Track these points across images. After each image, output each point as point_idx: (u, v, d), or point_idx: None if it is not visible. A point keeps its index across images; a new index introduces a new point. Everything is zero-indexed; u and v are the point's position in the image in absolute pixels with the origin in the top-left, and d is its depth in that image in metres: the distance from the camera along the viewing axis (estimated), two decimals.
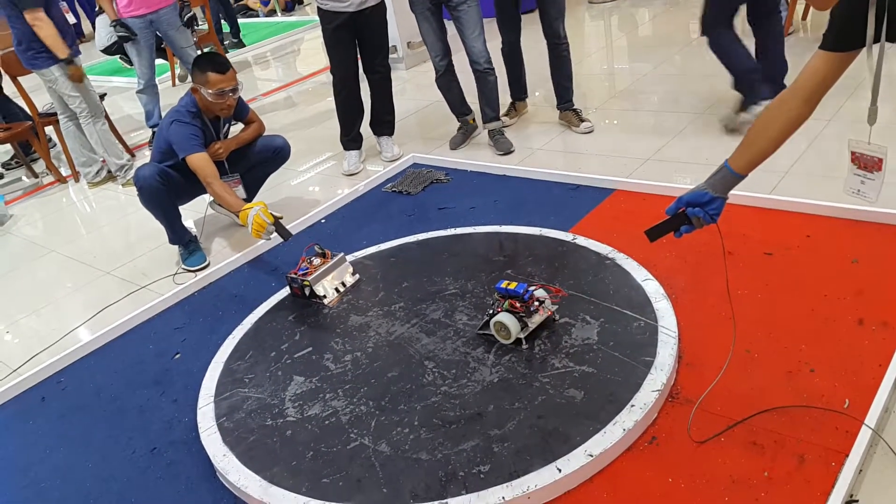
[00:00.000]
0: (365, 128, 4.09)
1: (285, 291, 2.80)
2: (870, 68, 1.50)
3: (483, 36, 3.68)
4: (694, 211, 1.72)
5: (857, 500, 1.58)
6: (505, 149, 3.82)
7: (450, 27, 3.77)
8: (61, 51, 4.05)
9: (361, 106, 4.00)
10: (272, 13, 9.89)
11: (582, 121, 3.93)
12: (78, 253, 3.72)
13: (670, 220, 1.78)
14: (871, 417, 1.72)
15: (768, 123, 1.66)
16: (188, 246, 3.30)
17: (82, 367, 2.68)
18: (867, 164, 1.68)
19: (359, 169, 4.03)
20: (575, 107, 3.99)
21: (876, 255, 2.34)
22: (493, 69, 3.75)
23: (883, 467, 1.65)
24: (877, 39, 1.46)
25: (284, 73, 6.92)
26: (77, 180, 4.77)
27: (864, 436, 1.68)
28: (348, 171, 4.01)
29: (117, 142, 4.66)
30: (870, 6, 1.42)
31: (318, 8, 3.74)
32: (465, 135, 4.05)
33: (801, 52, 4.27)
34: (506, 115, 4.14)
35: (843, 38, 1.53)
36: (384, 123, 4.10)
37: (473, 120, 4.05)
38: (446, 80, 3.88)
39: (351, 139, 4.05)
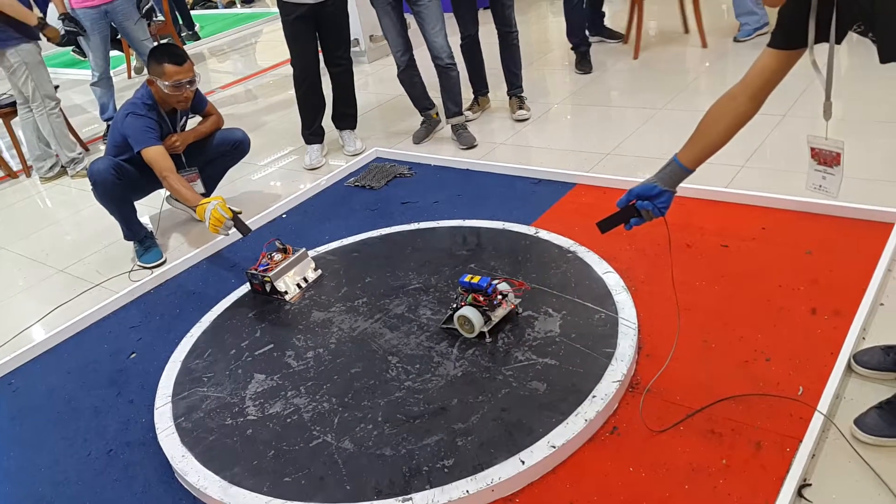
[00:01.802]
0: (327, 121, 4.06)
1: (245, 288, 2.76)
2: (811, 64, 1.54)
3: (444, 31, 3.67)
4: (643, 204, 1.74)
5: (810, 484, 1.62)
6: (468, 143, 3.82)
7: (411, 21, 3.75)
8: (31, 18, 3.96)
9: (323, 99, 3.96)
10: (231, 4, 9.73)
11: (520, 108, 4.05)
12: (29, 250, 3.62)
13: (621, 213, 1.79)
14: (824, 404, 1.77)
15: (717, 118, 1.68)
16: (144, 242, 3.24)
17: (34, 368, 2.61)
18: (826, 158, 1.72)
19: (321, 163, 3.99)
20: (522, 94, 4.09)
21: (828, 247, 2.39)
22: (454, 64, 3.75)
23: (834, 451, 1.69)
24: (827, 39, 1.49)
25: (244, 65, 6.82)
26: (28, 175, 4.63)
27: (816, 422, 1.72)
28: (310, 165, 3.97)
29: (69, 134, 4.54)
30: (811, 9, 1.46)
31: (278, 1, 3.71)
32: (427, 129, 4.04)
33: (752, 50, 4.36)
34: (468, 109, 4.15)
35: (790, 37, 1.56)
36: (346, 117, 4.07)
37: (437, 114, 4.05)
38: (408, 75, 3.87)
39: (312, 133, 4.01)
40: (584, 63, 4.65)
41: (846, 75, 3.87)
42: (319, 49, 3.80)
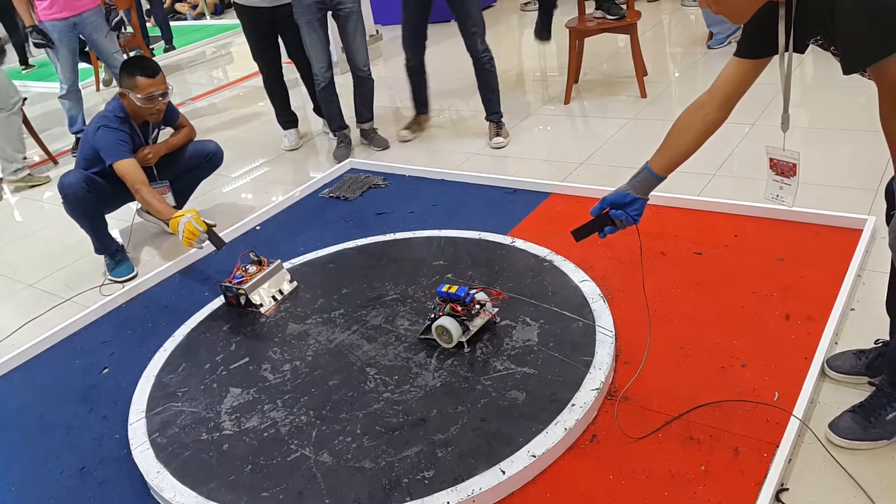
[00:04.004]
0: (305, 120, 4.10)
1: (219, 301, 2.72)
2: (781, 78, 1.57)
3: (365, 44, 3.87)
4: (616, 213, 1.76)
5: (787, 489, 1.63)
6: (382, 145, 4.04)
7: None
8: None
9: (286, 88, 4.28)
10: (200, 16, 9.67)
11: (496, 135, 3.88)
12: None
13: (595, 221, 1.81)
14: (799, 408, 1.79)
15: (686, 127, 1.71)
16: (115, 256, 3.18)
17: (3, 385, 2.55)
18: (784, 169, 1.76)
19: (298, 145, 4.35)
20: (500, 119, 3.93)
21: (800, 253, 2.44)
22: (371, 74, 3.93)
23: (810, 456, 1.71)
24: (786, 50, 1.52)
25: (214, 76, 6.77)
26: None
27: (792, 426, 1.74)
28: (289, 147, 4.34)
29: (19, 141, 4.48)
30: (779, 20, 1.49)
31: (234, 3, 3.90)
32: (348, 147, 4.10)
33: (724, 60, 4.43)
34: (406, 129, 4.16)
35: (755, 47, 1.60)
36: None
37: (349, 131, 4.18)
38: (328, 93, 3.95)
39: (286, 119, 4.35)
40: (543, 32, 4.55)
41: (811, 84, 3.96)
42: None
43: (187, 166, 3.37)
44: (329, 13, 3.78)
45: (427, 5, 3.77)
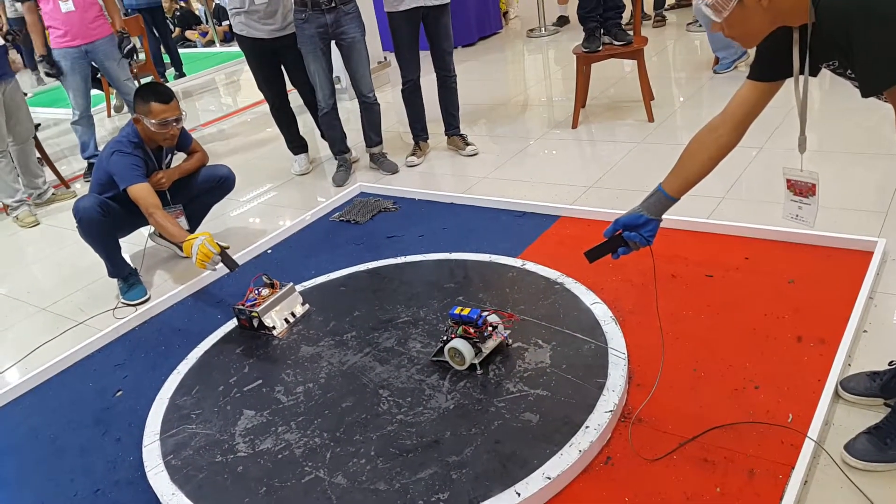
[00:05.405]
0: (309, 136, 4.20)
1: (232, 323, 2.74)
2: (797, 101, 1.60)
3: (369, 70, 3.96)
4: (630, 235, 1.78)
5: None
6: (391, 170, 4.12)
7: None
8: None
9: (294, 115, 4.34)
10: (210, 44, 9.81)
11: (467, 144, 4.22)
12: (10, 289, 3.57)
13: (608, 243, 1.83)
14: (814, 430, 1.79)
15: (699, 149, 1.73)
16: (128, 279, 3.21)
17: (17, 408, 2.56)
18: (802, 189, 1.77)
19: (308, 169, 4.41)
20: (461, 133, 4.26)
21: (810, 275, 2.44)
22: (376, 99, 4.06)
23: (826, 477, 1.71)
24: (801, 72, 1.55)
25: (224, 103, 6.85)
26: (8, 213, 4.58)
27: (807, 448, 1.74)
28: (299, 171, 4.39)
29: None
30: (794, 44, 1.52)
31: (236, 35, 4.00)
32: (347, 171, 4.19)
33: (737, 83, 4.48)
34: (412, 155, 4.25)
35: (769, 70, 1.63)
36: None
37: (350, 156, 4.28)
38: (330, 118, 4.05)
39: (296, 145, 4.42)
40: (591, 40, 4.20)
41: (820, 107, 3.99)
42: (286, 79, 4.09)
43: (200, 191, 3.41)
44: (332, 42, 3.85)
45: (417, 26, 3.89)
